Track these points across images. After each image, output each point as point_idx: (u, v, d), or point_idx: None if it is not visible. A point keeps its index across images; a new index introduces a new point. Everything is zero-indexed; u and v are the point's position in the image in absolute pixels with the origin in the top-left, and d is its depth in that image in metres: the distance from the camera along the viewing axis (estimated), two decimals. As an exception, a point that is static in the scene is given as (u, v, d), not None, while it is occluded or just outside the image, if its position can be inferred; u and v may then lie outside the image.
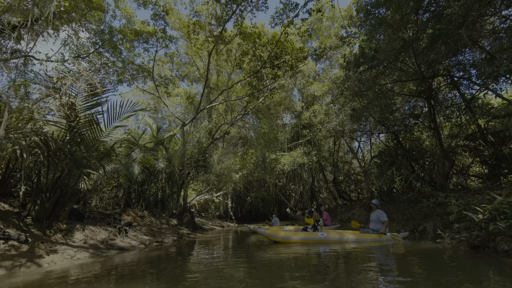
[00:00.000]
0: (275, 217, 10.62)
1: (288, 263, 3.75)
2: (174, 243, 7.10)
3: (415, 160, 14.28)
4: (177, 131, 12.22)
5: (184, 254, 5.14)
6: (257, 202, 25.69)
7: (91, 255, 4.89)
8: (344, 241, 5.42)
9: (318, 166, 23.02)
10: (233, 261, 4.12)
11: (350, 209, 12.80)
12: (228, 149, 19.16)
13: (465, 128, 14.69)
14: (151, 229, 8.06)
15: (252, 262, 4.02)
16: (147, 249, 5.99)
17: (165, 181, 12.03)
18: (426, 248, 4.42)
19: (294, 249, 4.95)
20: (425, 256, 3.83)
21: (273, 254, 4.56)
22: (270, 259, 4.09)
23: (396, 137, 15.16)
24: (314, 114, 17.95)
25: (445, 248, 4.26)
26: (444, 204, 6.41)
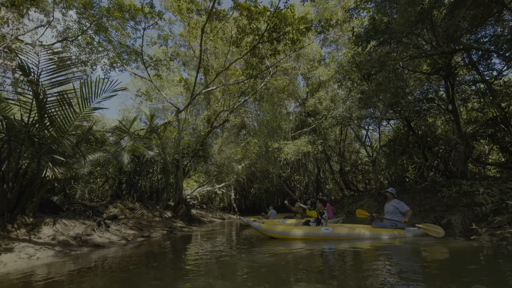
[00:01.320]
0: (271, 209, 9.84)
1: (283, 266, 2.96)
2: (162, 237, 6.40)
3: (429, 148, 13.29)
4: (171, 118, 11.44)
5: (164, 254, 4.39)
6: (261, 193, 25.02)
7: (56, 253, 4.18)
8: (353, 238, 4.58)
9: (323, 156, 22.12)
10: (218, 265, 3.34)
11: (358, 200, 11.94)
12: (230, 138, 18.36)
13: (486, 112, 13.56)
14: (140, 223, 7.38)
15: (240, 264, 3.23)
16: (128, 245, 5.28)
17: (160, 172, 11.34)
18: (459, 247, 3.56)
19: (293, 247, 4.16)
20: (461, 258, 2.99)
21: (267, 254, 3.76)
22: (261, 261, 3.29)
23: (408, 123, 14.12)
24: (319, 101, 16.93)
25: (484, 246, 3.41)
26: (469, 194, 5.50)
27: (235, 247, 4.49)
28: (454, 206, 5.33)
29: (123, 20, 9.90)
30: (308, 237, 4.74)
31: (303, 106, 19.64)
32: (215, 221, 12.55)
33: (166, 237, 6.53)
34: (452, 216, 4.93)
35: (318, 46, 17.50)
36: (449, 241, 4.00)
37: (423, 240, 4.14)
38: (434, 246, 3.70)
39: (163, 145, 9.64)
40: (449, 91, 9.80)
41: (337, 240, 4.54)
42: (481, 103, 13.33)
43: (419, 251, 3.50)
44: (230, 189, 26.89)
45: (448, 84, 9.65)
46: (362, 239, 4.49)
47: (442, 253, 3.35)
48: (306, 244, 4.41)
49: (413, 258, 3.14)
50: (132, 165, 9.14)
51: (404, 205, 4.86)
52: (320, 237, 4.70)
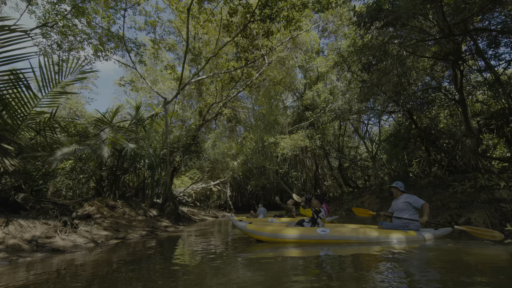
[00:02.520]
0: (261, 206, 9.09)
1: (268, 284, 2.25)
2: (140, 239, 5.68)
3: (432, 142, 12.63)
4: (159, 109, 10.68)
5: (132, 262, 3.67)
6: (258, 190, 24.35)
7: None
8: (355, 242, 3.82)
9: (322, 152, 21.45)
10: (191, 279, 2.62)
11: (358, 197, 11.28)
12: (224, 133, 17.62)
13: (491, 104, 12.89)
14: (118, 222, 6.65)
15: (214, 281, 2.52)
16: (96, 249, 4.56)
17: (148, 167, 10.59)
18: (493, 256, 2.84)
19: (283, 253, 3.46)
20: (500, 271, 2.28)
21: (250, 264, 3.04)
22: (241, 277, 2.57)
23: (410, 116, 13.44)
24: (317, 94, 16.19)
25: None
26: (487, 188, 4.81)
27: (215, 253, 3.77)
28: (470, 202, 4.64)
29: (105, 2, 9.09)
30: (302, 240, 3.99)
31: (301, 99, 18.93)
32: (207, 219, 11.85)
33: (144, 238, 5.82)
34: (471, 214, 4.23)
35: (316, 35, 16.71)
36: (471, 245, 3.30)
37: (442, 245, 3.43)
38: (459, 253, 2.99)
39: (148, 137, 8.88)
40: (457, 79, 9.10)
41: (336, 244, 3.83)
42: (487, 94, 12.67)
43: (442, 261, 2.79)
44: (226, 186, 26.23)
45: (456, 72, 8.95)
46: (367, 244, 3.72)
47: (474, 263, 2.64)
48: (299, 248, 3.71)
49: (435, 273, 2.43)
50: (112, 160, 8.40)
51: (417, 199, 4.09)
52: (316, 240, 3.95)
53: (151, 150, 8.68)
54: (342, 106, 14.92)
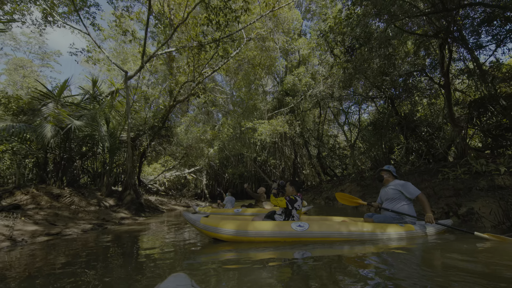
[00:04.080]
0: (229, 195, 7.63)
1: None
2: (81, 235, 4.62)
3: (412, 130, 12.43)
4: (119, 85, 9.31)
5: (39, 271, 2.66)
6: (235, 179, 23.55)
7: None
8: (342, 239, 3.02)
9: (301, 140, 20.98)
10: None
11: (338, 185, 10.80)
12: (199, 118, 16.43)
13: (470, 93, 12.83)
14: (58, 214, 5.50)
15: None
16: (13, 250, 3.46)
17: (108, 151, 9.30)
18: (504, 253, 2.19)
19: (247, 256, 2.61)
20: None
21: (196, 273, 2.16)
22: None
23: (392, 103, 13.12)
24: (298, 78, 15.39)
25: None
26: (484, 175, 4.29)
27: (156, 257, 2.84)
28: (467, 190, 4.09)
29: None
30: (272, 239, 3.11)
31: (281, 84, 18.09)
32: (176, 209, 10.84)
33: (87, 233, 4.76)
34: (473, 204, 3.67)
35: (299, 14, 15.75)
36: (483, 240, 2.67)
37: (447, 242, 2.76)
38: (478, 254, 2.32)
39: (101, 114, 7.59)
40: (443, 61, 8.67)
41: (316, 243, 2.99)
42: (466, 84, 12.58)
43: (457, 264, 2.09)
44: (202, 174, 25.16)
45: (443, 53, 8.48)
46: (358, 242, 2.94)
47: (495, 267, 1.97)
48: (268, 250, 2.86)
49: (454, 275, 1.71)
50: (56, 140, 7.08)
51: (411, 187, 3.31)
52: (290, 238, 3.08)
53: (103, 129, 7.42)
54: (323, 91, 14.29)
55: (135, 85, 9.98)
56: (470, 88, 12.49)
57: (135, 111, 10.95)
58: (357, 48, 11.07)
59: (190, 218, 3.45)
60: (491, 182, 3.87)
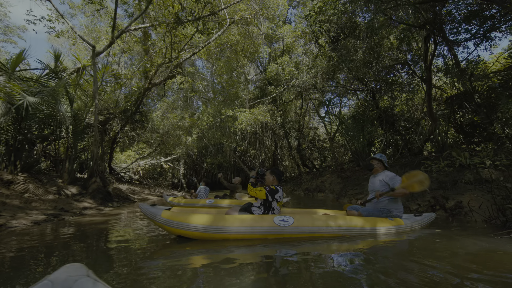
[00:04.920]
0: (202, 185, 6.95)
1: None
2: (30, 227, 4.00)
3: (392, 123, 12.62)
4: (86, 62, 8.38)
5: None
6: (213, 169, 23.00)
7: None
8: (331, 235, 2.71)
9: (282, 132, 20.82)
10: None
11: (318, 177, 10.71)
12: (177, 104, 15.61)
13: (446, 90, 13.19)
14: (6, 203, 4.79)
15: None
16: None
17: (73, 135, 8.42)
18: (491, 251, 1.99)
19: (219, 257, 2.23)
20: None
21: (157, 279, 1.76)
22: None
23: (373, 96, 13.21)
24: (282, 67, 14.99)
25: None
26: (469, 168, 4.21)
27: (114, 258, 2.38)
28: (452, 183, 4.00)
29: None
30: (251, 235, 2.66)
31: (264, 73, 17.63)
32: (150, 199, 10.22)
33: (39, 225, 4.14)
34: (461, 197, 3.56)
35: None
36: (466, 236, 2.48)
37: (433, 236, 2.56)
38: (461, 248, 2.11)
39: (61, 91, 6.74)
40: (427, 55, 8.67)
41: (303, 240, 2.64)
42: (445, 81, 12.91)
43: (452, 258, 1.86)
44: (179, 163, 24.35)
45: (427, 47, 8.47)
46: (346, 238, 2.64)
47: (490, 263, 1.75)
48: (246, 250, 2.43)
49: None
50: (8, 119, 6.20)
51: (398, 181, 3.12)
52: (273, 234, 2.67)
53: (63, 108, 6.60)
54: (306, 81, 14.05)
55: (105, 64, 9.04)
56: (447, 85, 12.86)
57: (105, 92, 10.02)
58: (342, 38, 10.89)
59: (148, 211, 2.84)
60: (476, 175, 3.79)
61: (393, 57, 11.19)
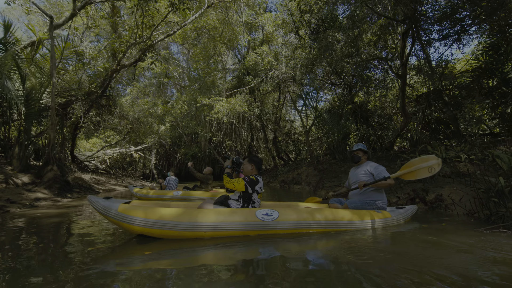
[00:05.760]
0: (171, 175, 6.35)
1: None
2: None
3: (366, 118, 12.95)
4: (43, 34, 7.39)
5: None
6: (187, 159, 22.29)
7: None
8: (319, 230, 2.49)
9: (259, 124, 20.63)
10: None
11: (294, 169, 10.66)
12: (149, 90, 14.67)
13: (417, 88, 13.74)
14: None
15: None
16: None
17: (24, 116, 7.46)
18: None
19: (193, 261, 1.86)
20: None
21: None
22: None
23: (350, 91, 13.42)
24: (261, 57, 14.64)
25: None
26: (445, 162, 4.28)
27: (62, 261, 1.96)
28: (430, 176, 4.02)
29: None
30: (229, 232, 2.32)
31: (243, 62, 17.16)
32: (116, 189, 9.51)
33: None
34: (440, 190, 3.57)
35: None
36: (472, 232, 2.37)
37: (429, 231, 2.46)
38: (452, 243, 2.02)
39: (7, 64, 5.84)
40: (404, 51, 8.86)
41: (289, 237, 2.36)
42: (415, 80, 13.46)
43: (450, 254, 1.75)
44: (151, 153, 23.27)
45: (405, 43, 8.63)
46: (337, 234, 2.43)
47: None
48: (224, 248, 2.07)
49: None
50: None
51: (384, 171, 2.98)
52: (255, 230, 2.35)
53: (10, 84, 5.74)
54: (285, 73, 13.89)
55: (66, 39, 8.01)
56: (417, 83, 13.42)
57: (66, 71, 9.00)
58: (323, 31, 10.80)
59: (99, 206, 2.31)
60: (453, 168, 3.85)
61: (370, 52, 11.36)
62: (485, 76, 7.92)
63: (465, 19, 8.76)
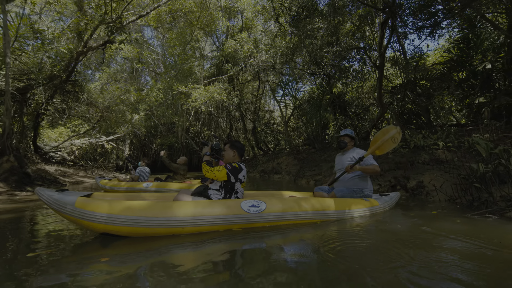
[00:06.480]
0: (142, 165, 5.78)
1: None
2: None
3: (344, 108, 13.15)
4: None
5: None
6: (164, 150, 21.53)
7: None
8: (308, 221, 2.35)
9: (238, 114, 20.34)
10: None
11: (274, 159, 10.61)
12: (120, 76, 13.76)
13: (393, 80, 14.13)
14: None
15: None
16: None
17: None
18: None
19: (163, 262, 1.56)
20: None
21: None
22: None
23: (328, 81, 13.51)
24: (240, 44, 14.22)
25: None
26: (423, 149, 4.37)
27: (12, 266, 1.62)
28: (409, 163, 4.10)
29: None
30: (211, 227, 2.06)
31: (221, 49, 16.62)
32: (85, 182, 8.89)
33: None
34: (421, 177, 3.62)
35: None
36: (461, 218, 2.35)
37: (418, 218, 2.42)
38: (440, 228, 2.00)
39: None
40: (382, 42, 8.97)
41: (279, 229, 2.17)
42: (390, 71, 13.82)
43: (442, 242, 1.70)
44: (125, 144, 22.18)
45: (383, 33, 8.73)
46: (323, 224, 2.31)
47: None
48: (207, 245, 1.82)
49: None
50: None
51: (370, 158, 2.92)
52: (241, 224, 2.13)
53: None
54: (265, 61, 13.64)
55: (22, 15, 7.08)
56: (392, 75, 13.81)
57: (23, 51, 8.07)
58: (303, 19, 10.65)
59: (50, 200, 1.92)
60: (432, 155, 3.93)
61: (348, 43, 11.43)
62: (455, 68, 8.26)
63: (438, 13, 8.97)
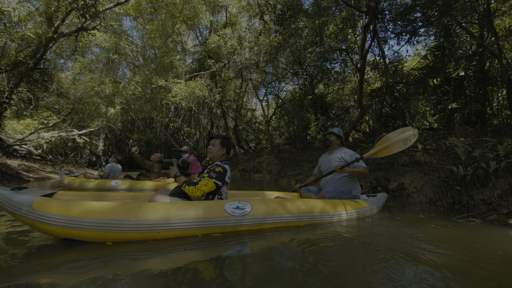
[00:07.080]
0: (112, 161, 5.39)
1: None
2: None
3: (325, 109, 13.34)
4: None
5: None
6: (141, 146, 20.71)
7: None
8: (295, 223, 2.21)
9: (220, 111, 20.01)
10: None
11: (255, 157, 10.51)
12: (95, 66, 12.99)
13: (372, 83, 14.54)
14: None
15: None
16: None
17: None
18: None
19: (143, 267, 1.37)
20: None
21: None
22: None
23: (311, 81, 13.63)
24: (224, 40, 13.95)
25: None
26: (403, 151, 4.45)
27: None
28: (389, 165, 4.15)
29: None
30: (191, 231, 1.87)
31: (205, 44, 16.24)
32: (52, 178, 8.26)
33: None
34: (401, 178, 3.65)
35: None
36: (445, 221, 2.33)
37: (403, 221, 2.39)
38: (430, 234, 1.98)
39: None
40: (364, 44, 9.14)
41: (267, 234, 2.00)
42: (370, 75, 14.21)
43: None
44: (99, 138, 21.06)
45: (366, 35, 8.90)
46: (308, 227, 2.19)
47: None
48: (186, 251, 1.65)
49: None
50: None
51: (356, 156, 2.85)
52: (223, 228, 1.95)
53: None
54: (248, 59, 13.49)
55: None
56: (371, 78, 14.22)
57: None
58: (287, 18, 10.63)
59: (4, 200, 1.63)
60: (411, 158, 4.01)
61: (331, 44, 11.58)
62: (431, 74, 8.61)
63: (416, 20, 9.25)
